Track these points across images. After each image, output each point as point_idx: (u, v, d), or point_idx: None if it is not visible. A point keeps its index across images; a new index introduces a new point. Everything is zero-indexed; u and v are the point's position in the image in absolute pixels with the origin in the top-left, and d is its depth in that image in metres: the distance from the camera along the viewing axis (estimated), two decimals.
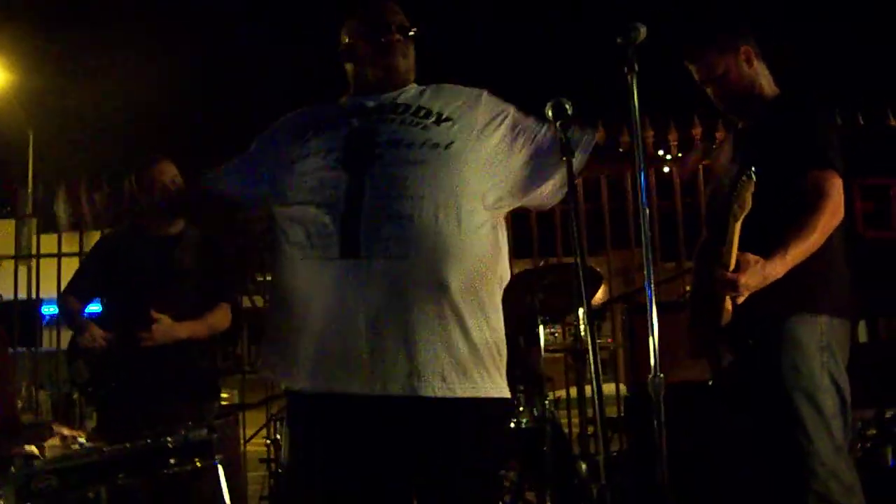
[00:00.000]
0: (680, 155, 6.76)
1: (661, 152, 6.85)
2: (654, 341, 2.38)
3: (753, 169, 2.75)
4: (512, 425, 4.49)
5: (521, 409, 4.50)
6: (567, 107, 2.47)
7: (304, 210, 2.54)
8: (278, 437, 5.07)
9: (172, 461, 3.04)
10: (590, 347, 2.40)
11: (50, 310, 7.80)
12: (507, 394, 2.61)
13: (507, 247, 2.70)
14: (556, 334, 8.42)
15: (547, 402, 4.62)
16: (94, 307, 4.66)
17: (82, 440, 3.06)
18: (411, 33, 2.76)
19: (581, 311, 5.68)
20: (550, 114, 2.48)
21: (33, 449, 2.87)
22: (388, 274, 2.41)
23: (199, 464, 3.12)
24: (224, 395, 5.28)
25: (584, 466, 4.83)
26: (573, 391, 6.39)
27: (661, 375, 2.37)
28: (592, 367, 2.38)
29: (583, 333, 5.21)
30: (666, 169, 6.87)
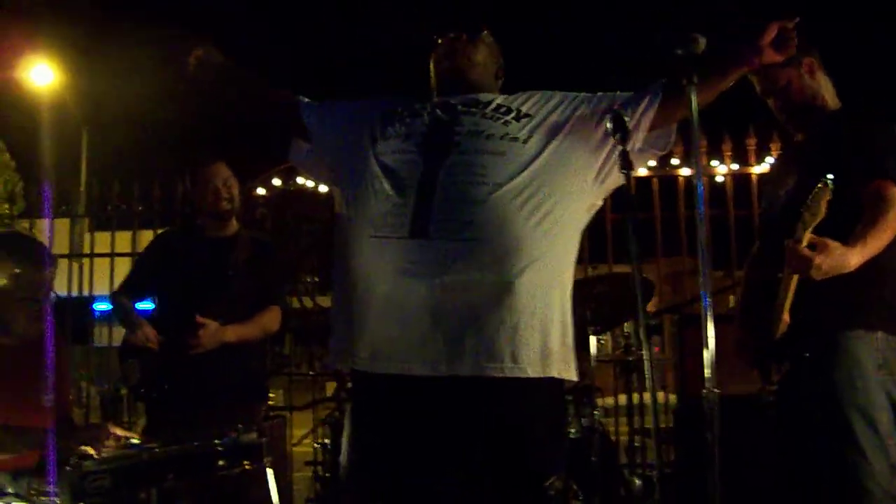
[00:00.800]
0: (735, 166, 6.71)
1: (714, 162, 6.80)
2: (709, 354, 2.35)
3: (830, 177, 2.71)
4: None
5: (569, 418, 4.48)
6: (626, 119, 2.44)
7: (377, 187, 2.57)
8: (326, 440, 5.07)
9: (222, 463, 3.04)
10: (646, 362, 2.38)
11: (102, 307, 7.91)
12: (574, 377, 2.62)
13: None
14: (604, 342, 8.37)
15: (596, 411, 4.60)
16: (146, 305, 4.70)
17: (135, 441, 3.08)
18: (483, 36, 2.83)
19: (632, 322, 5.67)
20: (609, 126, 2.45)
21: (89, 449, 2.90)
22: (456, 255, 2.43)
23: (248, 466, 3.12)
24: (270, 396, 5.30)
25: (637, 482, 4.79)
26: (621, 399, 6.35)
27: (716, 389, 2.33)
28: (648, 381, 2.36)
29: (634, 346, 5.19)
30: (719, 178, 6.81)
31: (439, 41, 2.84)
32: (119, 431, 3.14)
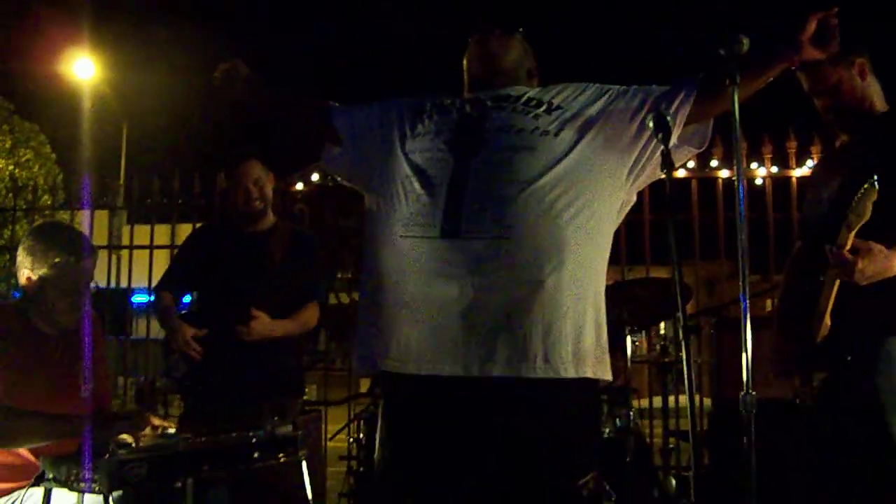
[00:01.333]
0: (774, 169, 6.66)
1: (753, 164, 6.75)
2: (747, 357, 2.33)
3: (876, 177, 2.68)
4: None
5: (603, 418, 4.46)
6: (668, 119, 2.43)
7: (407, 187, 2.56)
8: (361, 436, 5.09)
9: (257, 455, 3.06)
10: (685, 365, 2.36)
11: (139, 299, 7.98)
12: (609, 376, 2.60)
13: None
14: (638, 343, 8.34)
15: (631, 412, 4.58)
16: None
17: (172, 431, 3.11)
18: (516, 34, 2.83)
19: (668, 323, 5.65)
20: (651, 125, 2.44)
21: (127, 437, 2.93)
22: (488, 255, 2.41)
23: (283, 459, 3.14)
24: (305, 391, 5.32)
25: (673, 483, 4.77)
26: (656, 401, 6.33)
27: (753, 393, 2.32)
28: (686, 384, 2.34)
29: (671, 348, 5.17)
30: (758, 181, 6.77)
31: (474, 36, 2.84)
32: (157, 421, 3.17)
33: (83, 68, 19.72)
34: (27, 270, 3.23)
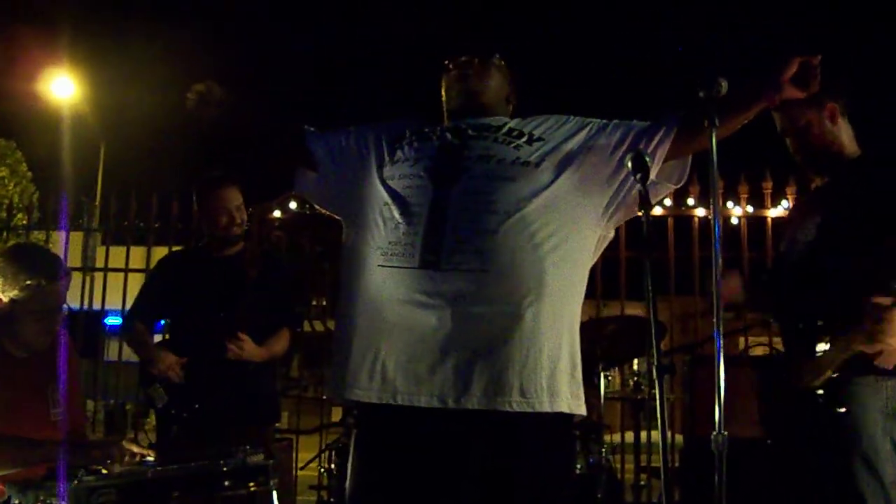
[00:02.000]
0: (750, 209, 6.72)
1: (729, 204, 6.81)
2: (719, 396, 2.33)
3: None
4: None
5: (575, 454, 4.46)
6: (647, 159, 2.44)
7: (386, 214, 2.55)
8: (332, 466, 5.06)
9: (228, 483, 3.04)
10: (658, 402, 2.36)
11: (113, 321, 7.92)
12: (583, 411, 2.58)
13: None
14: (611, 378, 8.35)
15: (603, 448, 4.58)
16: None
17: (150, 459, 3.08)
18: (494, 60, 2.82)
19: (641, 359, 5.66)
20: (630, 166, 2.44)
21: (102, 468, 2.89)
22: (468, 287, 2.40)
23: (254, 488, 3.12)
24: None
25: None
26: (628, 436, 6.33)
27: (725, 433, 2.32)
28: (659, 421, 2.34)
29: (644, 384, 5.18)
30: (734, 220, 6.82)
31: (450, 65, 2.83)
32: (136, 449, 3.13)
33: (62, 87, 19.63)
34: None
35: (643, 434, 5.87)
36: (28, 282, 3.18)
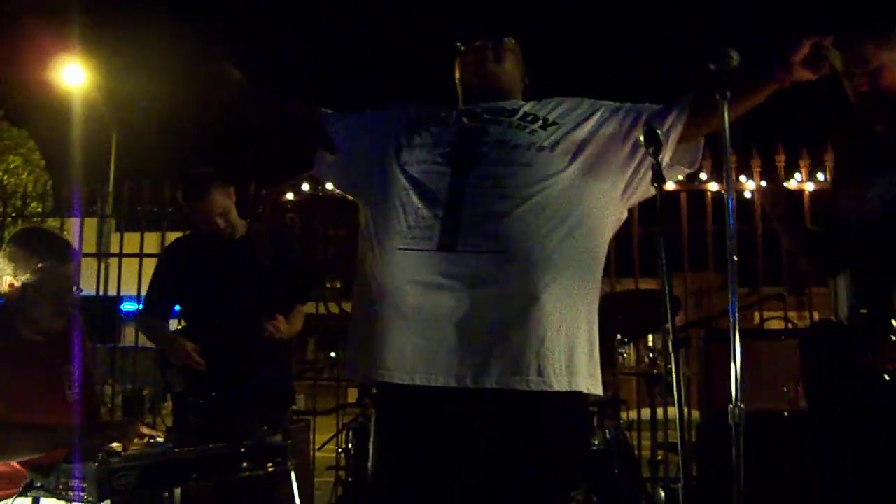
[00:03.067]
0: (763, 183, 6.67)
1: (742, 178, 6.78)
2: (736, 369, 2.33)
3: None
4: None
5: (592, 430, 4.46)
6: (659, 133, 2.43)
7: (405, 199, 2.57)
8: (349, 446, 5.08)
9: (246, 465, 3.05)
10: (674, 377, 2.36)
11: (129, 307, 7.96)
12: (600, 391, 2.61)
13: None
14: (626, 354, 8.34)
15: (619, 424, 4.58)
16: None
17: (160, 439, 3.10)
18: (507, 43, 2.83)
19: (657, 334, 5.65)
20: (642, 139, 2.44)
21: (117, 446, 2.91)
22: (485, 269, 2.43)
23: (272, 469, 3.13)
24: None
25: (662, 495, 4.77)
26: (644, 412, 6.33)
27: (742, 405, 2.31)
28: (676, 397, 2.34)
29: (660, 360, 5.17)
30: (747, 194, 6.79)
31: (463, 49, 2.84)
32: (145, 430, 3.15)
33: (73, 75, 19.65)
34: (9, 277, 3.21)
35: (659, 410, 5.87)
36: (40, 265, 3.20)
